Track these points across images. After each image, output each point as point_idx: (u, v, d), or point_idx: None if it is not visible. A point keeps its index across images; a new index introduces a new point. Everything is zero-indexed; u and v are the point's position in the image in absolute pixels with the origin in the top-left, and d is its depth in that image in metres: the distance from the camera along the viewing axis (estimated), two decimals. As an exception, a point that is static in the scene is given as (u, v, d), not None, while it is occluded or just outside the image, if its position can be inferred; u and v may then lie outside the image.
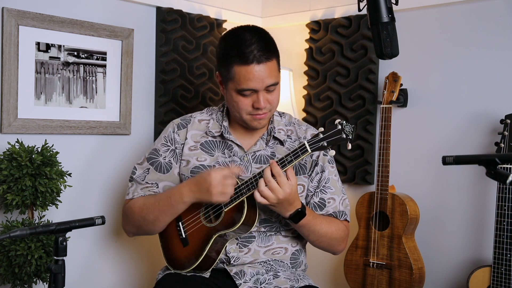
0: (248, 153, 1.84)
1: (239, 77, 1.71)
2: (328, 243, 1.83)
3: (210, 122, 1.90)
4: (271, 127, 1.88)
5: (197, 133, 1.89)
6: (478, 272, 2.11)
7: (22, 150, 1.93)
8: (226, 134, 1.85)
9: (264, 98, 1.75)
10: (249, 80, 1.71)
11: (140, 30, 2.46)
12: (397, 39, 1.69)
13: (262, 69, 1.71)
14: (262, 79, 1.71)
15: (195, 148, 1.87)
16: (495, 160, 1.37)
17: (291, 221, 1.71)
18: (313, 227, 1.75)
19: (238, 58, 1.70)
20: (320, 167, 1.86)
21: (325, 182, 1.86)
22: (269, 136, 1.87)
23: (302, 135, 1.90)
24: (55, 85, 2.20)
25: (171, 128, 1.91)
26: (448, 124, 2.38)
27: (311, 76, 2.79)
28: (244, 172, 1.82)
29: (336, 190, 1.87)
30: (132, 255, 2.52)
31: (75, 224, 1.41)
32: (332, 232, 1.81)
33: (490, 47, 2.27)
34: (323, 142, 1.58)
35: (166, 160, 1.88)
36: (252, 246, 1.80)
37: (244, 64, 1.70)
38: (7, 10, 2.03)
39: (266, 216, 1.80)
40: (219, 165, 1.83)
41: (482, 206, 2.28)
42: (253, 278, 1.76)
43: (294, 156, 1.61)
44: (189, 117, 1.93)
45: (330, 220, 1.83)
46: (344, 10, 2.67)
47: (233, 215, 1.70)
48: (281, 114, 1.95)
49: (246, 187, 1.67)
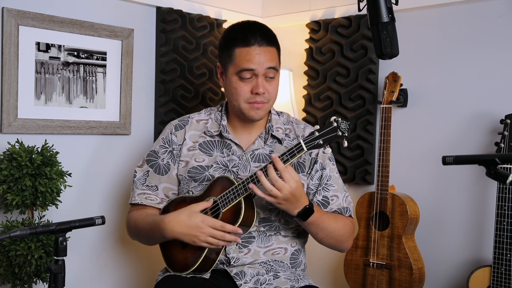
0: (246, 152, 1.85)
1: (239, 58, 1.77)
2: (337, 239, 1.82)
3: (208, 122, 1.91)
4: (269, 125, 1.88)
5: (195, 133, 1.89)
6: (478, 272, 2.11)
7: (22, 150, 1.93)
8: (225, 133, 1.86)
9: (263, 84, 1.77)
10: (250, 60, 1.76)
11: (140, 30, 2.46)
12: (397, 39, 1.69)
13: (263, 52, 1.77)
14: (262, 62, 1.76)
15: (193, 149, 1.87)
16: (495, 160, 1.38)
17: (300, 219, 1.70)
18: (321, 224, 1.75)
19: (241, 40, 1.78)
20: (320, 165, 1.86)
21: (327, 179, 1.86)
22: (267, 134, 1.87)
23: (300, 133, 1.90)
24: (55, 85, 2.20)
25: (169, 130, 1.92)
26: (448, 124, 2.38)
27: (311, 76, 2.79)
28: (243, 171, 1.83)
29: (339, 187, 1.87)
30: (132, 255, 2.52)
31: (75, 224, 1.41)
32: (340, 227, 1.80)
33: (490, 47, 2.27)
34: (319, 140, 1.58)
35: (165, 162, 1.89)
36: (252, 246, 1.79)
37: (246, 46, 1.77)
38: (7, 10, 2.03)
39: (265, 215, 1.80)
40: (217, 165, 1.83)
41: (482, 206, 2.28)
42: (254, 279, 1.76)
43: (290, 155, 1.61)
44: (187, 118, 1.94)
45: (336, 216, 1.83)
46: (344, 10, 2.67)
47: (231, 215, 1.69)
48: (279, 113, 1.96)
49: (243, 187, 1.66)
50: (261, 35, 1.78)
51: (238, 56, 1.78)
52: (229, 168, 1.83)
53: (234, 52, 1.79)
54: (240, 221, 1.66)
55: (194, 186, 1.84)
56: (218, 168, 1.83)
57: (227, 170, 1.83)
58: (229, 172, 1.83)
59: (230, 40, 1.82)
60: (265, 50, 1.78)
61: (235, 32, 1.82)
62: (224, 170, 1.83)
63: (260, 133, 1.89)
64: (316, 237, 1.81)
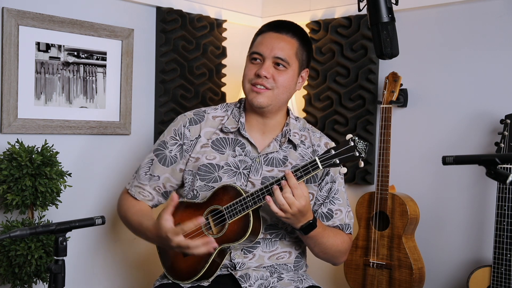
0: (260, 155, 1.79)
1: (254, 43, 1.81)
2: (332, 255, 1.82)
3: (224, 118, 1.85)
4: (286, 129, 1.83)
5: (210, 130, 1.83)
6: (478, 272, 2.11)
7: (22, 150, 1.93)
8: (243, 131, 1.80)
9: (268, 68, 1.74)
10: (261, 43, 1.78)
11: (140, 30, 2.46)
12: (397, 39, 1.69)
13: (276, 38, 1.77)
14: (272, 46, 1.75)
15: (206, 146, 1.81)
16: (495, 160, 1.37)
17: (301, 232, 1.69)
18: (320, 239, 1.74)
19: (264, 26, 1.83)
20: (331, 177, 1.84)
21: (334, 193, 1.84)
22: (284, 138, 1.83)
23: (316, 142, 1.87)
24: (55, 85, 2.20)
25: (182, 122, 1.85)
26: (448, 124, 2.38)
27: (311, 76, 2.79)
28: (254, 174, 1.78)
29: (343, 202, 1.86)
30: (132, 255, 2.52)
31: (75, 224, 1.41)
32: (337, 244, 1.80)
33: (490, 47, 2.27)
34: (335, 159, 1.56)
35: (172, 154, 1.83)
36: (257, 252, 1.77)
37: (263, 32, 1.80)
38: (7, 10, 2.03)
39: (273, 221, 1.77)
40: (228, 166, 1.78)
41: (482, 206, 2.28)
42: (257, 282, 1.74)
43: (305, 172, 1.60)
44: (203, 113, 1.87)
45: (336, 232, 1.82)
46: (344, 10, 2.67)
47: (238, 227, 1.65)
48: (297, 118, 1.91)
49: (252, 200, 1.63)
50: (284, 25, 1.79)
51: (254, 42, 1.82)
52: (240, 170, 1.78)
53: (254, 39, 1.82)
54: (248, 234, 1.63)
55: (200, 186, 1.78)
56: (228, 170, 1.78)
57: (238, 172, 1.78)
58: (240, 174, 1.78)
59: (258, 31, 1.84)
60: (280, 38, 1.76)
61: (266, 24, 1.84)
62: (235, 172, 1.78)
63: (276, 136, 1.83)
64: (312, 250, 1.80)
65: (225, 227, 1.67)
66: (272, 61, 1.75)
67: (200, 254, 1.60)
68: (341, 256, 1.85)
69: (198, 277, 1.71)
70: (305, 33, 1.84)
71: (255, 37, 1.84)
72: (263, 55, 1.75)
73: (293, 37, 1.79)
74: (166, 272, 1.80)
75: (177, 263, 1.76)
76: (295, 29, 1.81)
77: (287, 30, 1.78)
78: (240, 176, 1.78)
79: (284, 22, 1.83)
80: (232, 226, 1.66)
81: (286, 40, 1.77)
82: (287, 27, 1.80)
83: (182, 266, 1.75)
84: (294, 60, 1.78)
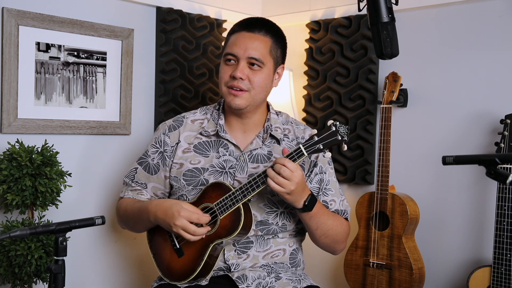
0: (244, 153, 1.81)
1: (228, 44, 1.80)
2: (333, 238, 1.80)
3: (204, 121, 1.87)
4: (267, 124, 1.85)
5: (190, 134, 1.85)
6: (478, 272, 2.11)
7: (22, 150, 1.93)
8: (222, 133, 1.82)
9: (243, 69, 1.74)
10: (234, 44, 1.77)
11: (140, 30, 2.46)
12: (397, 39, 1.69)
13: (249, 37, 1.76)
14: (246, 47, 1.74)
15: (188, 151, 1.83)
16: (495, 160, 1.37)
17: (306, 209, 1.67)
18: (322, 217, 1.74)
19: (236, 26, 1.80)
20: (319, 168, 1.84)
21: (326, 184, 1.85)
22: (266, 134, 1.84)
23: (300, 135, 1.88)
24: (55, 85, 2.20)
25: (162, 130, 1.88)
26: (448, 124, 2.38)
27: (311, 76, 2.79)
28: (240, 172, 1.80)
29: (336, 192, 1.86)
30: (132, 255, 2.52)
31: (75, 224, 1.41)
32: (337, 225, 1.79)
33: (490, 47, 2.27)
34: (319, 145, 1.57)
35: (155, 162, 1.87)
36: (250, 252, 1.77)
37: (236, 32, 1.79)
38: (7, 10, 2.03)
39: (263, 218, 1.78)
40: (213, 168, 1.80)
41: (482, 206, 2.28)
42: (255, 282, 1.74)
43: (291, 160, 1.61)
44: (181, 118, 1.90)
45: (334, 214, 1.83)
46: (344, 10, 2.67)
47: (229, 222, 1.67)
48: (278, 113, 1.92)
49: (242, 193, 1.64)
50: (256, 23, 1.77)
51: (228, 42, 1.81)
52: (226, 170, 1.80)
53: (229, 38, 1.81)
54: (240, 227, 1.63)
55: (188, 191, 1.80)
56: (213, 172, 1.79)
57: (224, 171, 1.79)
58: (226, 174, 1.79)
59: (230, 30, 1.83)
60: (254, 37, 1.76)
61: (237, 23, 1.83)
62: (221, 172, 1.79)
63: (258, 133, 1.85)
64: (315, 234, 1.78)
65: (217, 223, 1.68)
66: (247, 61, 1.75)
67: (191, 240, 1.65)
68: (341, 240, 1.84)
69: (194, 276, 1.72)
70: (279, 29, 1.84)
71: (228, 37, 1.83)
72: (237, 56, 1.75)
73: (266, 35, 1.78)
74: (163, 275, 1.80)
75: (173, 263, 1.77)
76: (268, 27, 1.80)
77: (259, 28, 1.77)
78: (227, 175, 1.79)
79: (256, 20, 1.82)
80: (224, 221, 1.68)
81: (259, 39, 1.76)
82: (260, 25, 1.78)
83: (177, 266, 1.76)
84: (269, 58, 1.78)
